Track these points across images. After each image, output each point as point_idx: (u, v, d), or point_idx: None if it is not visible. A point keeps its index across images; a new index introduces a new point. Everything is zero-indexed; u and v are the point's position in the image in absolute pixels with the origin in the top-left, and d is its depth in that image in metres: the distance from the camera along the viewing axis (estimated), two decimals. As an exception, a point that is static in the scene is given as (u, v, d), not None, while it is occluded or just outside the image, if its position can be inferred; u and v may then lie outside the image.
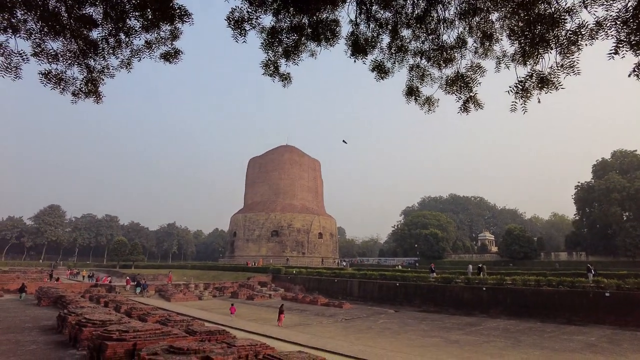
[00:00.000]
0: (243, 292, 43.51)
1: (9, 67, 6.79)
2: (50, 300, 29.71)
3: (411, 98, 8.15)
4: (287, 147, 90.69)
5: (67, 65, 7.45)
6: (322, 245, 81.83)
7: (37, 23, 6.91)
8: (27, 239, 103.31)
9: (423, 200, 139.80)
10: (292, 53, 7.60)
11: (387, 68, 7.92)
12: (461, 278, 34.39)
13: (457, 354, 17.92)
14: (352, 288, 40.64)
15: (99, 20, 7.21)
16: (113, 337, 13.04)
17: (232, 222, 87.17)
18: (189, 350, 11.27)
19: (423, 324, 26.66)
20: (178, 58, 7.98)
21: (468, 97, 7.52)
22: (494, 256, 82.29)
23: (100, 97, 8.12)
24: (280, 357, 12.10)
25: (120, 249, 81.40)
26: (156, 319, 19.39)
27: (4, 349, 14.89)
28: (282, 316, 26.23)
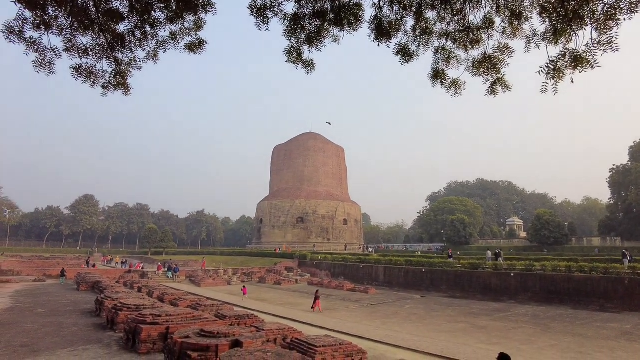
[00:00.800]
0: (270, 277, 44.30)
1: (43, 63, 7.01)
2: (88, 285, 31.12)
3: (437, 81, 7.98)
4: (311, 134, 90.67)
5: (96, 59, 7.63)
6: (347, 231, 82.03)
7: (68, 19, 7.07)
8: (65, 227, 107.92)
9: (449, 186, 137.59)
10: (315, 39, 7.54)
11: (412, 51, 7.76)
12: (489, 264, 33.91)
13: (484, 340, 17.80)
14: (378, 274, 40.73)
15: (125, 13, 7.34)
16: (147, 320, 13.57)
17: (258, 209, 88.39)
18: (219, 334, 11.62)
19: (449, 310, 26.52)
20: (202, 48, 8.05)
21: (496, 79, 7.30)
22: (522, 242, 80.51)
23: (129, 89, 8.28)
24: (308, 341, 12.32)
25: (151, 237, 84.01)
26: (187, 303, 20.03)
27: (50, 330, 15.77)
28: (318, 302, 26.09)
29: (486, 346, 16.43)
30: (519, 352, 15.59)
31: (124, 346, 13.50)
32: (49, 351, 12.63)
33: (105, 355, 12.28)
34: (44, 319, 18.19)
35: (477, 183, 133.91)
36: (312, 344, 12.00)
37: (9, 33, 6.72)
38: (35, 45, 6.95)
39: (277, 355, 9.18)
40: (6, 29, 6.66)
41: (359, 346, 12.64)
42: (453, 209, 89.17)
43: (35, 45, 6.95)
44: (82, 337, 14.67)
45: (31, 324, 17.12)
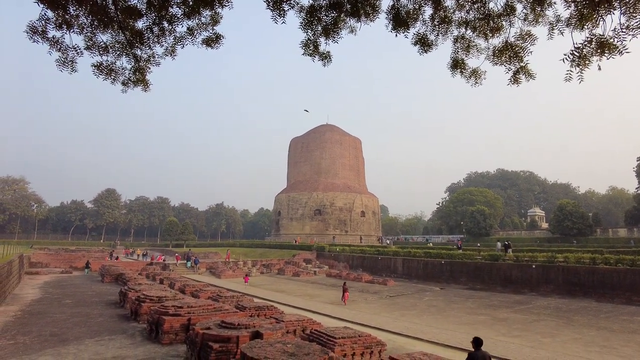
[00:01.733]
0: (289, 269, 44.66)
1: (65, 61, 7.14)
2: (112, 277, 31.97)
3: (456, 71, 7.83)
4: (328, 126, 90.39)
5: (116, 56, 7.74)
6: (365, 223, 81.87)
7: (88, 17, 7.16)
8: (88, 220, 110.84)
9: (469, 176, 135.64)
10: (332, 31, 7.48)
11: (430, 41, 7.62)
12: (509, 255, 33.43)
13: (505, 332, 17.61)
14: (396, 265, 40.61)
15: (143, 10, 7.39)
16: (169, 312, 13.88)
17: (276, 201, 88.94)
18: (240, 326, 11.79)
19: (469, 302, 26.30)
20: (219, 43, 8.06)
21: (518, 67, 7.10)
22: (544, 233, 78.97)
23: (148, 85, 8.37)
24: (327, 333, 12.41)
25: (172, 229, 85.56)
26: (208, 295, 20.38)
27: (77, 320, 16.30)
28: (346, 294, 25.68)
29: (507, 339, 16.26)
30: (541, 345, 15.38)
31: (148, 337, 13.84)
32: (77, 340, 13.06)
33: (129, 346, 12.62)
34: (72, 310, 18.80)
35: (497, 173, 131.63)
36: (332, 336, 12.09)
37: (32, 33, 6.85)
38: (57, 44, 7.07)
39: (297, 347, 9.26)
40: (30, 29, 6.80)
41: (378, 338, 12.67)
42: (473, 199, 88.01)
43: (57, 45, 7.07)
44: (107, 328, 15.11)
45: (60, 314, 17.72)
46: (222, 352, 10.60)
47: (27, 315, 17.39)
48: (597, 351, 14.73)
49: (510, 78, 7.20)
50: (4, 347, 12.29)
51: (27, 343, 12.75)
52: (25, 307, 19.43)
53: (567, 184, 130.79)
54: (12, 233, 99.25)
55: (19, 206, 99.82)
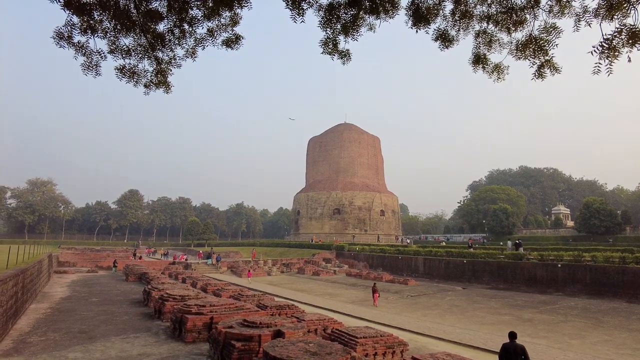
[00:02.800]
0: (309, 268, 44.76)
1: (90, 65, 7.31)
2: (135, 277, 32.65)
3: (478, 66, 7.68)
4: (346, 125, 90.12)
5: (138, 59, 7.87)
6: (384, 222, 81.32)
7: (111, 21, 7.30)
8: (112, 221, 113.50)
9: (491, 174, 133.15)
10: (351, 28, 7.43)
11: (451, 36, 7.49)
12: (533, 254, 32.68)
13: (530, 333, 17.21)
14: (417, 265, 40.22)
15: (164, 13, 7.49)
16: (192, 311, 14.08)
17: (295, 201, 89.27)
18: (262, 324, 11.87)
19: (492, 302, 25.84)
20: (239, 44, 8.09)
21: (543, 61, 6.90)
22: (569, 231, 76.84)
23: (170, 87, 8.49)
24: (349, 332, 12.38)
25: (194, 229, 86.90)
26: (229, 294, 20.60)
27: (103, 318, 16.71)
28: (376, 295, 24.88)
29: (532, 340, 15.89)
30: (569, 347, 14.97)
31: (171, 335, 14.07)
32: (104, 338, 13.38)
33: (154, 343, 12.86)
34: (98, 308, 19.28)
35: (519, 171, 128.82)
36: (353, 335, 12.05)
37: (59, 38, 7.02)
38: (82, 49, 7.23)
39: (319, 346, 9.26)
40: (56, 35, 6.97)
41: (400, 338, 12.56)
42: (495, 198, 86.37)
43: (83, 49, 7.24)
44: (132, 326, 15.44)
45: (87, 311, 18.20)
46: (244, 350, 10.69)
47: (57, 312, 17.92)
48: (630, 354, 14.24)
49: (534, 72, 7.00)
50: (36, 343, 12.70)
51: (57, 339, 13.13)
52: (55, 304, 20.03)
53: (593, 181, 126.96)
54: (42, 233, 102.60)
55: (48, 207, 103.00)
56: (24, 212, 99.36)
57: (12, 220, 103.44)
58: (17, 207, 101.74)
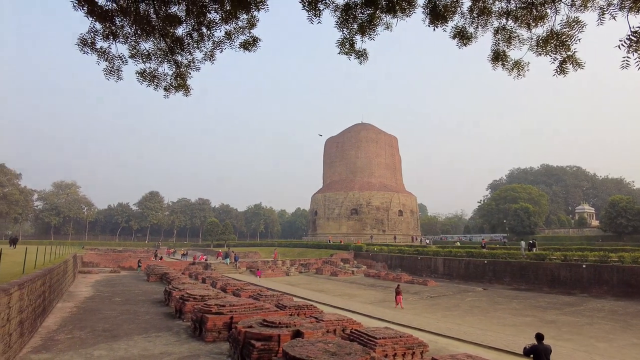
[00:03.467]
0: (327, 268, 44.76)
1: (112, 70, 7.50)
2: (157, 277, 33.23)
3: (498, 63, 7.56)
4: (363, 125, 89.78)
5: (158, 62, 8.03)
6: (403, 222, 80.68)
7: (132, 27, 7.47)
8: (134, 222, 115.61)
9: (511, 173, 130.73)
10: (367, 28, 7.42)
11: (470, 34, 7.40)
12: (556, 255, 31.94)
13: (554, 335, 16.81)
14: (437, 265, 39.78)
15: (183, 17, 7.62)
16: (212, 310, 14.25)
17: (312, 201, 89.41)
18: (281, 324, 11.93)
19: (514, 303, 25.36)
20: (256, 46, 8.17)
21: (565, 57, 6.74)
22: (594, 230, 74.87)
23: (189, 90, 8.63)
24: (368, 333, 12.34)
25: (213, 230, 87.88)
26: (249, 294, 20.78)
27: (126, 318, 17.07)
28: (399, 297, 24.02)
29: (556, 342, 15.52)
30: (595, 350, 14.58)
31: (192, 334, 14.27)
32: (127, 336, 13.67)
33: (175, 343, 13.07)
34: (121, 307, 19.71)
35: (541, 169, 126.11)
36: (372, 336, 12.00)
37: (82, 45, 7.21)
38: (105, 54, 7.42)
39: (338, 346, 9.26)
40: (80, 41, 7.16)
41: (419, 339, 12.46)
42: (516, 197, 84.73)
43: (105, 55, 7.42)
44: (154, 325, 15.72)
45: (110, 311, 18.63)
46: (264, 350, 10.76)
47: (82, 311, 18.40)
48: (659, 357, 13.79)
49: (556, 68, 6.85)
50: (63, 340, 13.07)
51: (82, 337, 13.49)
52: (80, 303, 20.56)
53: (619, 179, 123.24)
54: (66, 234, 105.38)
55: (72, 209, 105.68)
56: (49, 214, 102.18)
57: (39, 221, 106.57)
58: (43, 209, 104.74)
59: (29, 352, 11.79)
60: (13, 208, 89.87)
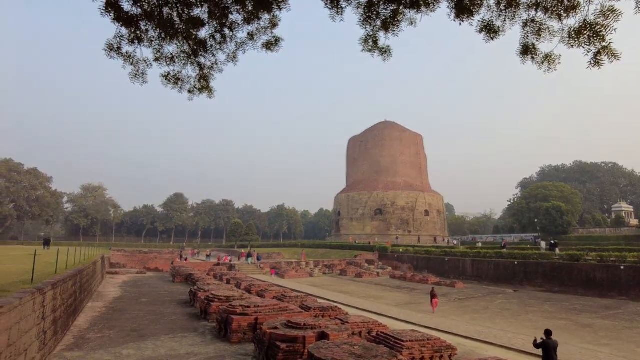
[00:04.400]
0: (351, 269, 44.51)
1: (137, 74, 7.61)
2: (182, 278, 33.76)
3: (527, 57, 7.24)
4: (387, 123, 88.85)
5: (182, 65, 8.11)
6: (429, 223, 79.42)
7: (156, 30, 7.56)
8: (159, 224, 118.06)
9: (542, 170, 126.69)
10: (391, 24, 7.26)
11: (497, 27, 7.12)
12: (592, 255, 30.70)
13: (591, 340, 16.13)
14: (465, 267, 38.94)
15: (205, 19, 7.66)
16: (237, 311, 14.31)
17: (336, 201, 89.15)
18: (306, 326, 11.85)
19: (547, 305, 24.51)
20: (279, 46, 8.15)
21: (600, 48, 6.38)
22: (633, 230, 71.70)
23: (212, 92, 8.69)
24: (394, 335, 12.11)
25: (237, 231, 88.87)
26: (273, 295, 20.81)
27: (153, 318, 17.37)
28: (435, 300, 23.06)
29: (594, 347, 14.87)
30: (636, 356, 13.88)
31: (217, 335, 14.38)
32: (154, 337, 13.89)
33: (201, 343, 13.18)
34: (148, 308, 20.08)
35: (574, 166, 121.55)
36: (399, 339, 11.77)
37: (109, 50, 7.35)
38: (130, 58, 7.54)
39: (364, 349, 9.11)
40: (107, 46, 7.30)
41: (447, 342, 12.15)
42: (547, 195, 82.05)
43: (130, 59, 7.54)
44: (180, 326, 15.94)
45: (137, 311, 19.01)
46: (289, 351, 10.71)
47: (111, 311, 18.85)
48: None
49: (590, 60, 6.48)
50: (93, 339, 13.41)
51: (112, 337, 13.79)
52: (109, 304, 21.08)
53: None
54: (94, 236, 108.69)
55: (99, 211, 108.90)
56: (78, 216, 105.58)
57: (69, 223, 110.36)
58: (72, 211, 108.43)
59: (62, 350, 12.12)
60: (45, 210, 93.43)
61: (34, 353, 10.12)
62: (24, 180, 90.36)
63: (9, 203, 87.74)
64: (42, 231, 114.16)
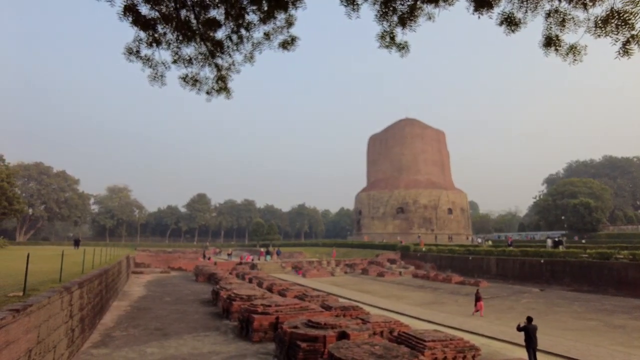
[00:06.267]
0: (373, 269, 44.23)
1: (156, 76, 7.73)
2: (205, 277, 34.23)
3: (550, 49, 6.98)
4: (408, 121, 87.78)
5: (199, 67, 8.19)
6: (453, 221, 78.13)
7: (174, 33, 7.65)
8: (182, 224, 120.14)
9: (569, 166, 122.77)
10: (408, 19, 7.14)
11: (518, 19, 6.90)
12: (623, 253, 29.58)
13: (623, 342, 15.53)
14: (490, 266, 38.16)
15: (222, 20, 7.71)
16: (258, 310, 14.40)
17: (356, 200, 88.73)
18: (327, 325, 11.82)
19: (575, 305, 23.76)
20: (295, 45, 8.14)
21: (629, 37, 6.10)
22: (667, 226, 68.89)
23: (230, 93, 8.75)
24: (416, 335, 11.94)
25: (258, 230, 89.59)
26: (294, 294, 20.86)
27: (176, 317, 17.67)
28: (480, 304, 21.68)
29: (626, 349, 14.32)
30: (671, 358, 13.26)
31: (239, 334, 14.50)
32: (177, 335, 14.12)
33: (223, 342, 13.32)
34: (171, 307, 20.44)
35: (603, 161, 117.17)
36: (421, 339, 11.61)
37: (128, 54, 7.48)
38: (149, 61, 7.64)
39: (385, 349, 9.01)
40: (126, 50, 7.43)
41: (471, 342, 11.92)
42: (575, 191, 79.55)
43: (149, 62, 7.65)
44: (202, 324, 16.15)
45: (161, 310, 19.37)
46: (309, 351, 10.70)
47: (135, 310, 19.27)
48: None
49: (618, 50, 6.20)
50: (119, 337, 13.73)
51: (136, 335, 14.09)
52: (134, 302, 21.56)
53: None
54: (120, 236, 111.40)
55: (124, 212, 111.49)
56: (104, 217, 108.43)
57: (95, 224, 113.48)
58: (99, 212, 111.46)
59: (89, 347, 12.45)
60: (73, 212, 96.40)
61: (62, 350, 10.42)
62: (54, 183, 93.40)
63: (40, 205, 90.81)
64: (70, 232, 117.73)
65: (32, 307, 8.22)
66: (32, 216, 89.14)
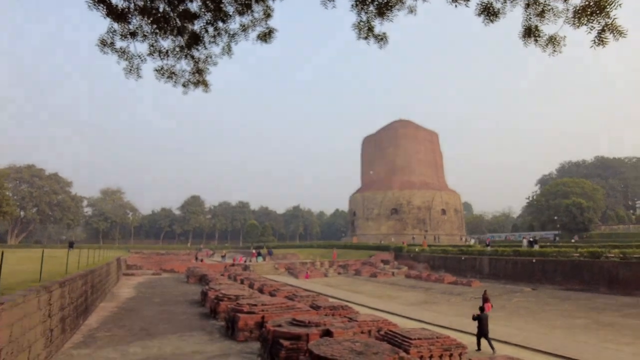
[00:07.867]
0: (366, 269, 44.11)
1: (132, 69, 7.57)
2: (196, 278, 33.98)
3: (530, 40, 6.91)
4: (401, 122, 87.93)
5: (176, 59, 8.04)
6: (446, 222, 78.25)
7: (150, 25, 7.50)
8: (177, 226, 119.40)
9: (562, 167, 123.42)
10: (386, 9, 7.04)
11: (497, 9, 6.83)
12: (614, 252, 29.65)
13: (612, 339, 15.47)
14: (482, 265, 38.15)
15: (198, 12, 7.58)
16: (244, 310, 14.23)
17: (351, 201, 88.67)
18: (311, 323, 11.68)
19: (566, 304, 23.75)
20: (272, 37, 8.02)
21: (604, 25, 6.02)
22: (658, 226, 69.35)
23: (208, 86, 8.62)
24: (402, 334, 11.83)
25: (252, 232, 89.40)
26: (284, 294, 20.69)
27: (163, 317, 17.46)
28: (488, 305, 20.21)
29: (615, 346, 14.26)
30: (659, 355, 13.21)
31: (225, 334, 14.32)
32: (161, 335, 13.91)
33: (207, 342, 13.14)
34: (159, 307, 20.21)
35: (595, 162, 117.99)
36: (407, 337, 11.49)
37: (102, 45, 7.30)
38: (124, 54, 7.48)
39: (365, 346, 8.86)
40: (100, 42, 7.26)
41: (457, 340, 11.81)
42: (567, 192, 79.95)
43: (124, 54, 7.48)
44: (188, 325, 15.95)
45: (149, 311, 19.14)
46: (292, 349, 10.55)
47: (122, 311, 19.02)
48: None
49: (594, 39, 6.11)
50: (102, 338, 13.51)
51: (120, 335, 13.87)
52: (121, 304, 21.30)
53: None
54: (114, 239, 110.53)
55: (118, 214, 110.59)
56: (98, 220, 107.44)
57: (89, 227, 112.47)
58: (92, 215, 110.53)
59: (70, 348, 12.22)
60: (66, 214, 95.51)
61: (38, 350, 10.18)
62: (46, 185, 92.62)
63: (32, 207, 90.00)
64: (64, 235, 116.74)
65: (4, 305, 8.02)
66: (23, 219, 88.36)
